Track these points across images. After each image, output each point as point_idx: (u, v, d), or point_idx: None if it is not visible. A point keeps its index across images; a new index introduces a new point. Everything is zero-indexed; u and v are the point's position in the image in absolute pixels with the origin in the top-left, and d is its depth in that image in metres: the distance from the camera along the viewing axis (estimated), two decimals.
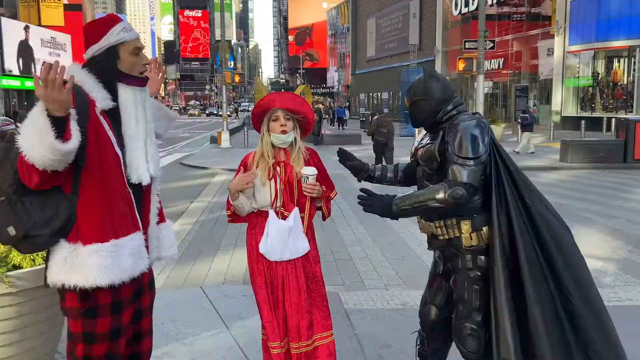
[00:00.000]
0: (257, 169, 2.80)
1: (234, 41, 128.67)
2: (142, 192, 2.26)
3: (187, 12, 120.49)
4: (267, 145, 2.83)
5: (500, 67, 32.64)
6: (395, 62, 45.68)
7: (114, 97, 2.18)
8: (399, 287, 5.04)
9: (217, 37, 22.97)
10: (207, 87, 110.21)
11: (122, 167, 2.15)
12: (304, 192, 2.78)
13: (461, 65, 16.29)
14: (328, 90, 72.73)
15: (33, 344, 2.74)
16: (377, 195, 2.55)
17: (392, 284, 5.15)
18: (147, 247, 2.27)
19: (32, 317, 2.69)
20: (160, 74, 2.60)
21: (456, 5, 37.04)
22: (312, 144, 21.51)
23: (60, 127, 1.89)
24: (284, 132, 2.81)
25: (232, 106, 76.44)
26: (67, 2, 49.99)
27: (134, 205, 2.20)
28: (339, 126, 34.94)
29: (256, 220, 2.84)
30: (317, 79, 78.73)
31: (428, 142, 2.65)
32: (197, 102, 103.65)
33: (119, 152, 2.14)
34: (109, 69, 2.16)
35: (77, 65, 2.20)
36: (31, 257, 2.73)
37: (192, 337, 3.70)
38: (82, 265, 2.04)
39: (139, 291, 2.27)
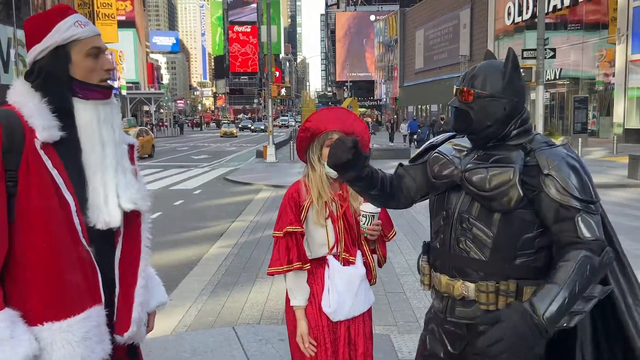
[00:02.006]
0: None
1: (282, 55, 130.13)
2: (111, 246, 1.71)
3: (236, 28, 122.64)
4: (321, 179, 2.26)
5: (557, 77, 31.24)
6: (445, 73, 44.71)
7: (67, 118, 1.63)
8: None
9: (266, 51, 22.96)
10: (256, 100, 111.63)
11: (77, 216, 1.59)
12: (367, 235, 2.26)
13: None
14: (375, 102, 72.08)
15: None
16: (498, 323, 1.61)
17: None
18: (114, 314, 1.72)
19: None
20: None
21: (509, 14, 35.89)
22: None
23: None
24: None
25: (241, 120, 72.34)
26: (121, 20, 51.69)
27: (95, 269, 1.63)
28: (410, 142, 28.26)
29: (310, 268, 2.28)
30: (364, 91, 78.29)
31: (490, 163, 1.74)
32: (246, 116, 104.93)
33: (69, 197, 1.58)
34: (58, 76, 1.63)
35: (21, 80, 1.66)
36: None
37: None
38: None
39: None
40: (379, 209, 2.24)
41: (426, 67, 51.43)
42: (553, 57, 16.09)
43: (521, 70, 1.83)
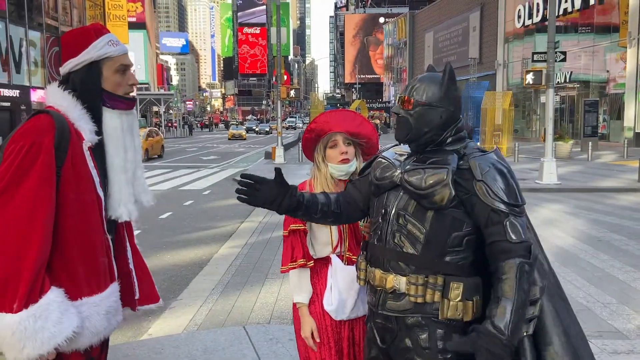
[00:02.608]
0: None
1: (290, 57, 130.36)
2: (120, 229, 2.00)
3: (245, 30, 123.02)
4: (326, 179, 2.32)
5: (567, 80, 31.10)
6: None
7: (99, 125, 1.87)
8: None
9: (275, 53, 22.94)
10: (264, 102, 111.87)
11: (102, 211, 1.87)
12: (364, 232, 2.28)
13: (528, 78, 15.33)
14: (384, 104, 72.06)
15: None
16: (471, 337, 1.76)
17: None
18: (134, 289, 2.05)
19: None
20: None
21: (519, 17, 35.78)
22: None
23: None
24: (345, 160, 2.30)
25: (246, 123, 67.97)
26: (131, 21, 51.95)
27: (112, 252, 1.92)
28: None
29: (315, 267, 2.31)
30: (372, 93, 78.29)
31: (426, 165, 1.87)
32: (255, 117, 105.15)
33: (101, 193, 1.85)
34: (91, 88, 1.86)
35: (55, 86, 1.87)
36: None
37: None
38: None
39: (103, 348, 1.99)
40: None
41: (436, 69, 51.38)
42: (563, 60, 15.98)
43: (457, 82, 1.96)
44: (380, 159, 2.05)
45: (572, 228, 8.25)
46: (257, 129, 63.56)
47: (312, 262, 2.29)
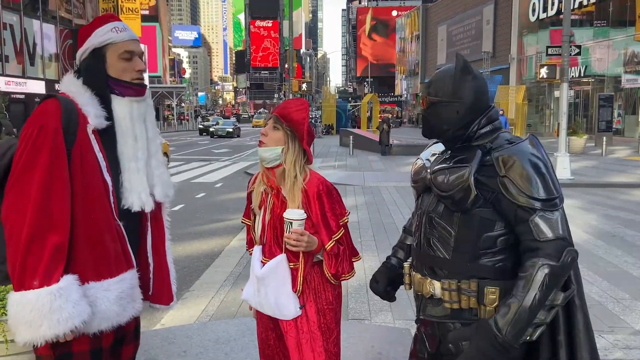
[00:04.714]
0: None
1: (302, 50, 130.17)
2: (142, 221, 1.96)
3: (258, 23, 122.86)
4: (261, 164, 2.21)
5: (582, 75, 30.76)
6: None
7: (109, 112, 1.85)
8: None
9: (288, 46, 22.87)
10: (276, 95, 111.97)
11: (112, 196, 1.84)
12: (287, 244, 2.07)
13: (542, 72, 15.18)
14: (396, 98, 71.74)
15: None
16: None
17: None
18: (150, 284, 2.00)
19: None
20: None
21: (534, 10, 35.39)
22: (379, 154, 20.89)
23: None
24: (260, 143, 2.16)
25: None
26: (144, 14, 52.12)
27: (126, 239, 1.87)
28: None
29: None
30: (385, 87, 77.94)
31: (452, 163, 1.79)
32: (266, 111, 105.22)
33: (108, 179, 1.83)
34: (96, 74, 1.86)
35: (70, 74, 1.89)
36: None
37: None
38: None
39: (120, 340, 1.91)
40: (302, 218, 2.04)
41: (448, 63, 50.97)
42: (578, 54, 15.82)
43: (476, 71, 1.84)
44: (417, 160, 2.00)
45: (585, 223, 8.19)
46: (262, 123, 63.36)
47: (251, 249, 2.30)
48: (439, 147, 1.94)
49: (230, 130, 37.98)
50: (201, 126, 44.23)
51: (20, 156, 1.72)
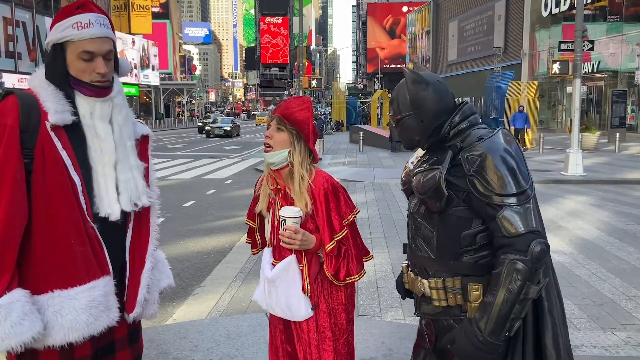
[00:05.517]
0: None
1: (312, 47, 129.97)
2: (120, 227, 1.81)
3: (268, 19, 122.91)
4: (268, 167, 2.19)
5: (595, 70, 30.46)
6: (478, 65, 44.05)
7: (75, 108, 1.74)
8: None
9: (298, 43, 22.87)
10: (286, 92, 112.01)
11: (82, 196, 1.70)
12: (281, 241, 2.08)
13: (555, 68, 15.05)
14: None
15: None
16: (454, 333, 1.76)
17: None
18: (125, 293, 1.84)
19: None
20: None
21: (546, 5, 35.07)
22: (389, 151, 20.83)
23: None
24: (267, 147, 2.13)
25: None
26: (155, 11, 52.25)
27: (101, 243, 1.73)
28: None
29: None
30: (395, 83, 77.52)
31: (427, 166, 1.83)
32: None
33: (76, 178, 1.69)
34: (56, 70, 1.73)
35: (39, 70, 1.79)
36: None
37: None
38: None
39: (107, 348, 1.81)
40: (297, 215, 2.05)
41: (459, 59, 50.70)
42: (591, 49, 15.65)
43: (428, 78, 1.86)
44: (406, 164, 2.05)
45: (598, 220, 8.12)
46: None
47: (256, 249, 2.32)
48: (421, 151, 2.02)
49: (228, 128, 33.87)
50: (200, 124, 41.13)
51: None
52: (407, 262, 2.01)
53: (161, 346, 3.68)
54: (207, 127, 34.71)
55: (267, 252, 2.22)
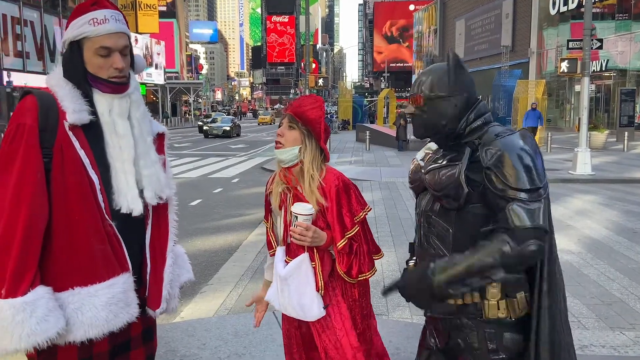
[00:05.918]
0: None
1: (319, 45, 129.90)
2: (139, 224, 1.83)
3: (274, 18, 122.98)
4: (279, 164, 2.21)
5: (603, 68, 30.27)
6: (486, 64, 43.87)
7: (93, 106, 1.75)
8: None
9: (304, 42, 22.68)
10: (292, 90, 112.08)
11: (101, 195, 1.72)
12: (292, 237, 2.09)
13: (563, 66, 14.96)
14: None
15: None
16: (407, 274, 1.79)
17: None
18: (143, 289, 1.85)
19: None
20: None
21: (554, 3, 34.89)
22: (396, 150, 20.80)
23: None
24: (277, 145, 2.16)
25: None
26: (162, 10, 52.40)
27: (119, 240, 1.75)
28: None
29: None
30: (401, 82, 77.57)
31: (444, 162, 1.81)
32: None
33: (95, 177, 1.71)
34: (73, 68, 1.74)
35: (57, 68, 1.79)
36: None
37: None
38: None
39: (123, 345, 1.82)
40: (309, 212, 2.05)
41: (466, 57, 50.51)
42: (600, 47, 15.55)
43: (463, 67, 1.83)
44: (413, 161, 2.01)
45: (606, 219, 8.07)
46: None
47: (272, 250, 2.30)
48: (432, 146, 1.97)
49: (227, 128, 32.44)
50: (200, 123, 39.98)
51: (0, 156, 1.65)
52: (413, 261, 1.99)
53: (169, 344, 3.69)
54: (205, 127, 33.67)
55: (280, 250, 2.22)
